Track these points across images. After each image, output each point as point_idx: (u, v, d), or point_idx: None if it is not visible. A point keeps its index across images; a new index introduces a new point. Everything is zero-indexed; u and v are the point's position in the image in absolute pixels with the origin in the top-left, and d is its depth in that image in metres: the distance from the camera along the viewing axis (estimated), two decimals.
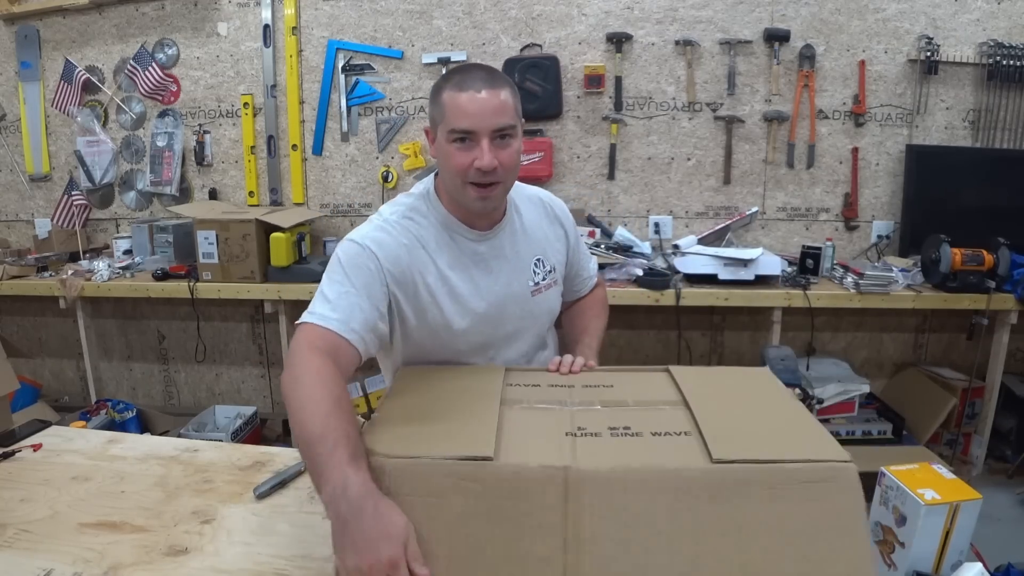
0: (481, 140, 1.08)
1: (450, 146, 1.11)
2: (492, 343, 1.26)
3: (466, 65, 1.22)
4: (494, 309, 1.23)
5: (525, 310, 1.27)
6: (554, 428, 0.86)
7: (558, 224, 1.35)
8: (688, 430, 0.85)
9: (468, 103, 1.07)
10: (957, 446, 2.61)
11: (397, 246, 1.15)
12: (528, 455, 0.80)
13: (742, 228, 2.90)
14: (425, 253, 1.18)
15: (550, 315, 1.34)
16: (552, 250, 1.32)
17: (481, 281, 1.22)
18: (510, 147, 1.12)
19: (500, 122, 1.09)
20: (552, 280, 1.31)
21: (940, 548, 0.87)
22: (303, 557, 0.92)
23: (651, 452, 0.80)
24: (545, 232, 1.32)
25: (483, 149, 1.08)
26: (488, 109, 1.07)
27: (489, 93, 1.08)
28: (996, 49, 2.64)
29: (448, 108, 1.09)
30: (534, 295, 1.28)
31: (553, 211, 1.36)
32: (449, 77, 1.13)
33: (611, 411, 0.92)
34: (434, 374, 1.10)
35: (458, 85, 1.09)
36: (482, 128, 1.08)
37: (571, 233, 1.38)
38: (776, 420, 0.89)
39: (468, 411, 0.92)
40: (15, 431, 1.30)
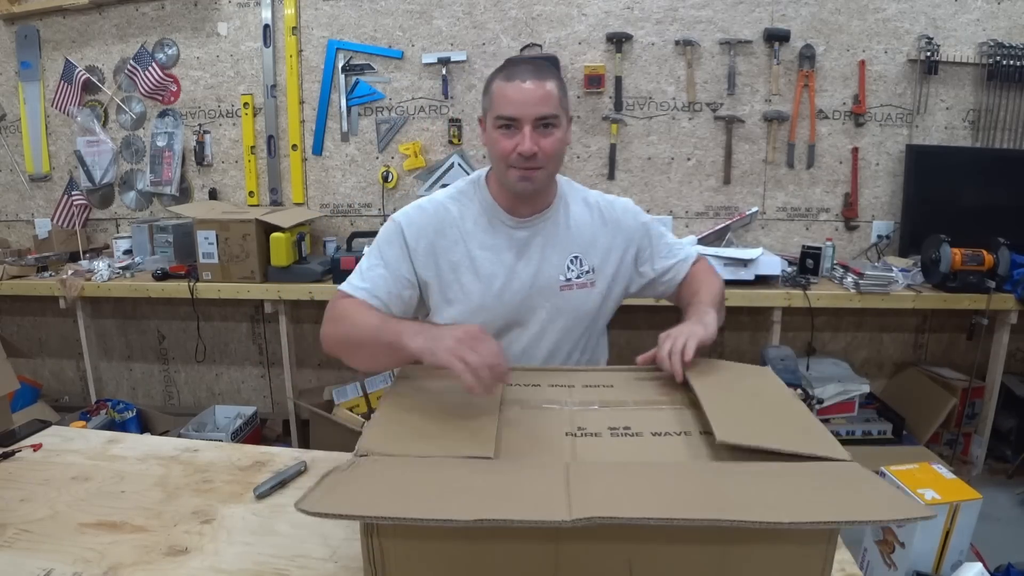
0: (524, 127, 1.16)
1: (496, 132, 1.19)
2: (513, 329, 1.29)
3: (517, 58, 1.27)
4: (517, 294, 1.27)
5: (552, 303, 1.29)
6: (554, 428, 0.86)
7: (614, 229, 1.33)
8: (688, 430, 0.85)
9: (514, 92, 1.16)
10: (957, 446, 2.61)
11: (426, 223, 1.27)
12: (528, 455, 0.80)
13: (742, 228, 2.90)
14: (456, 231, 1.27)
15: (584, 315, 1.32)
16: (596, 253, 1.31)
17: (510, 265, 1.27)
18: (552, 135, 1.18)
19: (543, 111, 1.16)
20: (588, 280, 1.30)
21: (940, 548, 0.88)
22: (303, 557, 0.92)
23: (651, 452, 0.80)
24: (593, 234, 1.32)
25: (525, 135, 1.16)
26: (532, 98, 1.15)
27: (534, 83, 1.16)
28: (996, 49, 2.64)
29: (496, 97, 1.19)
30: (563, 290, 1.29)
31: (609, 216, 1.34)
32: (500, 69, 1.22)
33: (611, 411, 0.92)
34: (435, 373, 1.10)
35: (507, 76, 1.18)
36: (525, 115, 1.16)
37: (637, 240, 1.35)
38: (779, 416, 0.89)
39: (468, 411, 0.92)
40: (15, 431, 1.30)
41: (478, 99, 2.91)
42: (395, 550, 0.73)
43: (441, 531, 0.71)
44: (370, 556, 0.73)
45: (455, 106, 2.95)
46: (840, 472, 0.75)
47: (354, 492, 0.72)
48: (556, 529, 0.69)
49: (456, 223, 1.28)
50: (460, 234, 1.27)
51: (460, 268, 1.27)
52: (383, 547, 0.73)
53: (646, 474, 0.76)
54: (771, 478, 0.74)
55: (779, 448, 0.77)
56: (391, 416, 0.92)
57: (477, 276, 1.27)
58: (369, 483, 0.75)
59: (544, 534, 0.70)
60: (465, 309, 1.27)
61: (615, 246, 1.34)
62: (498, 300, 1.27)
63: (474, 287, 1.27)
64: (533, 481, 0.74)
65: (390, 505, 0.68)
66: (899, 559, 0.89)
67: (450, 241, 1.27)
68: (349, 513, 0.66)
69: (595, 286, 1.31)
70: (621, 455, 0.80)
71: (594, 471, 0.76)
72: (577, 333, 1.33)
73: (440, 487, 0.73)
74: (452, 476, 0.75)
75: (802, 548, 0.70)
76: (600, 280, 1.32)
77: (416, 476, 0.76)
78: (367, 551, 0.73)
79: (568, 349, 1.33)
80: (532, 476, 0.74)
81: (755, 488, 0.72)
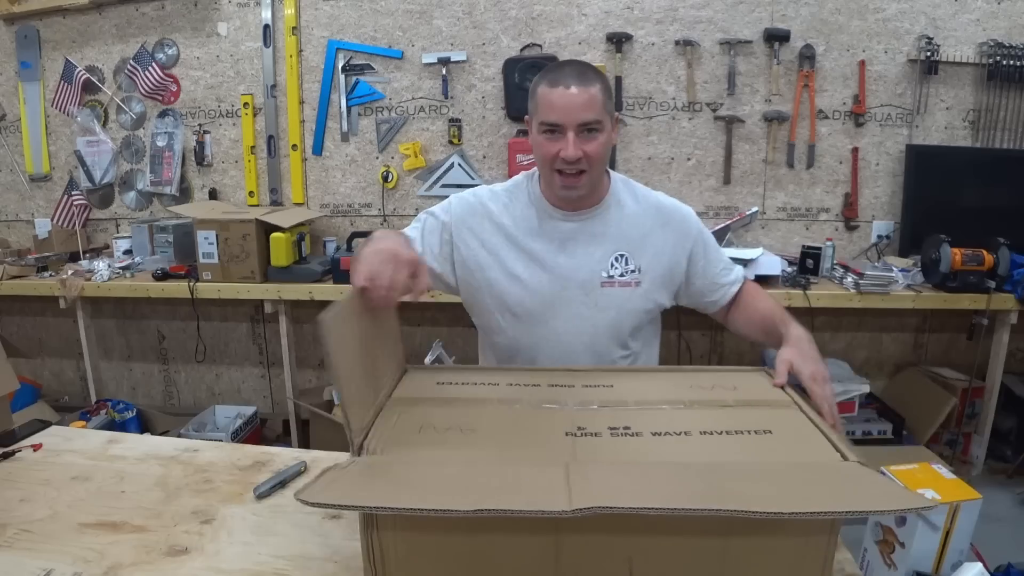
0: (567, 132, 1.17)
1: (540, 136, 1.20)
2: (547, 317, 1.29)
3: (563, 62, 1.26)
4: (556, 284, 1.28)
5: (590, 298, 1.28)
6: (554, 428, 0.86)
7: (670, 233, 1.32)
8: (688, 430, 0.85)
9: (557, 98, 1.16)
10: (957, 446, 2.61)
11: (466, 212, 1.32)
12: (528, 455, 0.80)
13: (742, 228, 2.90)
14: (501, 217, 1.31)
15: (626, 313, 1.30)
16: (645, 253, 1.30)
17: (552, 255, 1.28)
18: (596, 140, 1.19)
19: (586, 116, 1.16)
20: (633, 280, 1.29)
21: (940, 548, 0.87)
22: (303, 557, 0.91)
23: (651, 452, 0.80)
24: (644, 234, 1.30)
25: (568, 141, 1.17)
26: (576, 104, 1.15)
27: (579, 89, 1.15)
28: (996, 49, 2.64)
29: (540, 102, 1.19)
30: (604, 286, 1.28)
31: (667, 219, 1.33)
32: (546, 74, 1.21)
33: (611, 411, 0.92)
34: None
35: (551, 81, 1.18)
36: (568, 121, 1.16)
37: (690, 245, 1.33)
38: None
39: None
40: (15, 431, 1.30)
41: (478, 99, 2.93)
42: (395, 543, 0.73)
43: (441, 523, 0.71)
44: (369, 550, 0.73)
45: (455, 106, 2.95)
46: (841, 469, 0.75)
47: (354, 485, 0.72)
48: (556, 521, 0.69)
49: (503, 211, 1.31)
50: (507, 222, 1.30)
51: (501, 251, 1.29)
52: (382, 541, 0.73)
53: (646, 470, 0.76)
54: (772, 475, 0.74)
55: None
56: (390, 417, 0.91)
57: (518, 260, 1.29)
58: (369, 478, 0.75)
59: (544, 526, 0.70)
60: (504, 291, 1.29)
61: (668, 250, 1.31)
62: (537, 286, 1.28)
63: (515, 270, 1.29)
64: (533, 477, 0.74)
65: (390, 497, 0.68)
66: (899, 559, 0.89)
67: (494, 227, 1.30)
68: (349, 503, 0.65)
69: (639, 286, 1.29)
70: (621, 455, 0.80)
71: (594, 468, 0.76)
72: (621, 331, 1.31)
73: (440, 483, 0.73)
74: (452, 473, 0.75)
75: (803, 540, 0.70)
76: (646, 281, 1.30)
77: (416, 473, 0.76)
78: (366, 545, 0.73)
79: (609, 348, 1.31)
80: (532, 473, 0.75)
81: (756, 483, 0.72)
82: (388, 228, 3.04)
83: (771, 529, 0.70)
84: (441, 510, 0.64)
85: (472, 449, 0.81)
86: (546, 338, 1.30)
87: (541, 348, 1.30)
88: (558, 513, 0.62)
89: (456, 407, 0.94)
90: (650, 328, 1.39)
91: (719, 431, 0.85)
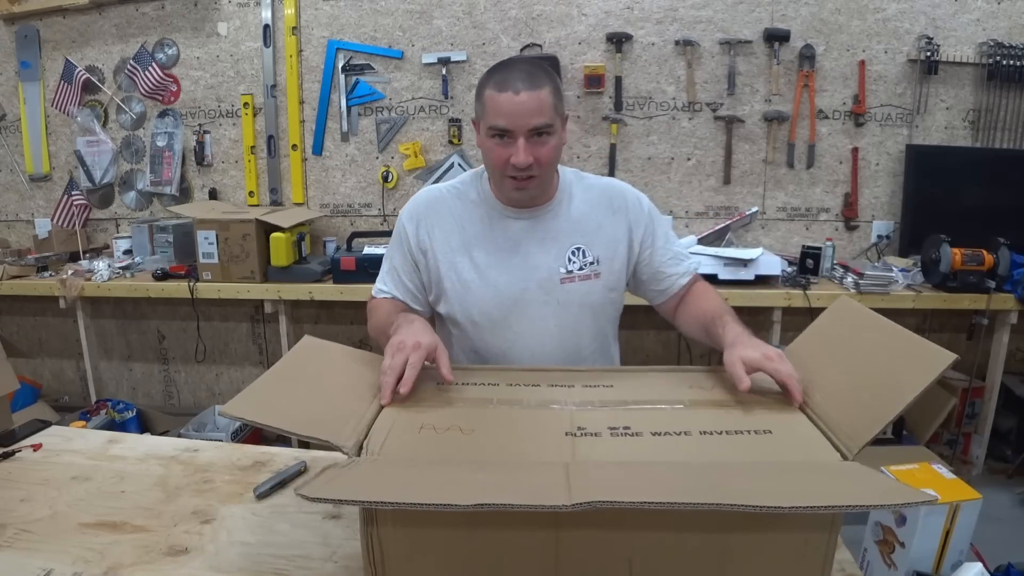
0: (517, 139, 1.14)
1: (490, 141, 1.17)
2: (510, 322, 1.27)
3: (510, 61, 1.22)
4: (515, 286, 1.26)
5: (551, 296, 1.26)
6: (554, 428, 0.86)
7: (622, 218, 1.29)
8: (688, 430, 0.85)
9: (506, 103, 1.13)
10: (957, 446, 2.61)
11: (424, 213, 1.30)
12: (528, 455, 0.80)
13: (742, 228, 2.90)
14: (453, 221, 1.29)
15: (589, 307, 1.29)
16: (601, 243, 1.28)
17: (507, 257, 1.26)
18: (547, 144, 1.16)
19: (536, 122, 1.13)
20: (592, 272, 1.27)
21: (940, 548, 0.87)
22: (303, 557, 0.92)
23: (650, 451, 0.80)
24: (598, 223, 1.28)
25: (519, 148, 1.14)
26: (525, 110, 1.12)
27: (527, 95, 1.12)
28: (996, 49, 2.64)
29: (488, 106, 1.16)
30: (564, 283, 1.26)
31: (619, 204, 1.30)
32: (492, 74, 1.18)
33: (611, 411, 0.92)
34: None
35: (498, 84, 1.14)
36: (518, 127, 1.13)
37: (641, 229, 1.30)
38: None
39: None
40: (15, 431, 1.30)
41: None
42: (394, 539, 0.73)
43: (441, 519, 0.71)
44: (369, 546, 0.73)
45: (455, 106, 2.95)
46: (842, 469, 0.75)
47: (354, 482, 0.72)
48: (556, 517, 0.69)
49: (454, 213, 1.29)
50: (458, 224, 1.28)
51: (456, 258, 1.27)
52: (382, 537, 0.73)
53: (646, 468, 0.76)
54: (772, 473, 0.74)
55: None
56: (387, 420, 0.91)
57: (473, 267, 1.27)
58: (369, 476, 0.75)
59: (544, 522, 0.70)
60: (463, 300, 1.28)
61: (621, 236, 1.29)
62: (495, 292, 1.26)
63: (470, 277, 1.27)
64: (533, 475, 0.74)
65: (390, 492, 0.68)
66: (899, 559, 0.89)
67: (447, 231, 1.28)
68: (350, 498, 0.65)
69: (599, 277, 1.28)
70: (621, 455, 0.80)
71: (594, 466, 0.76)
72: (585, 326, 1.30)
73: (440, 480, 0.73)
74: (452, 471, 0.75)
75: (803, 537, 0.70)
76: (605, 271, 1.29)
77: (416, 471, 0.76)
78: (366, 541, 0.73)
79: (578, 343, 1.30)
80: (532, 471, 0.75)
81: (755, 481, 0.72)
82: (387, 228, 3.04)
83: (771, 525, 0.70)
84: (441, 504, 0.63)
85: (472, 449, 0.81)
86: (512, 341, 1.28)
87: (509, 352, 1.28)
88: (558, 507, 0.62)
89: (456, 408, 0.94)
90: (613, 317, 1.37)
91: (719, 431, 0.84)
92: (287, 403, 0.88)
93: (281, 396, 0.90)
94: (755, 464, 0.77)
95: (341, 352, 1.08)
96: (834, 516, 0.70)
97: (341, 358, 1.07)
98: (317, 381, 0.97)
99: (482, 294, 1.26)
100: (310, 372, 1.00)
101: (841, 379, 0.92)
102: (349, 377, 1.00)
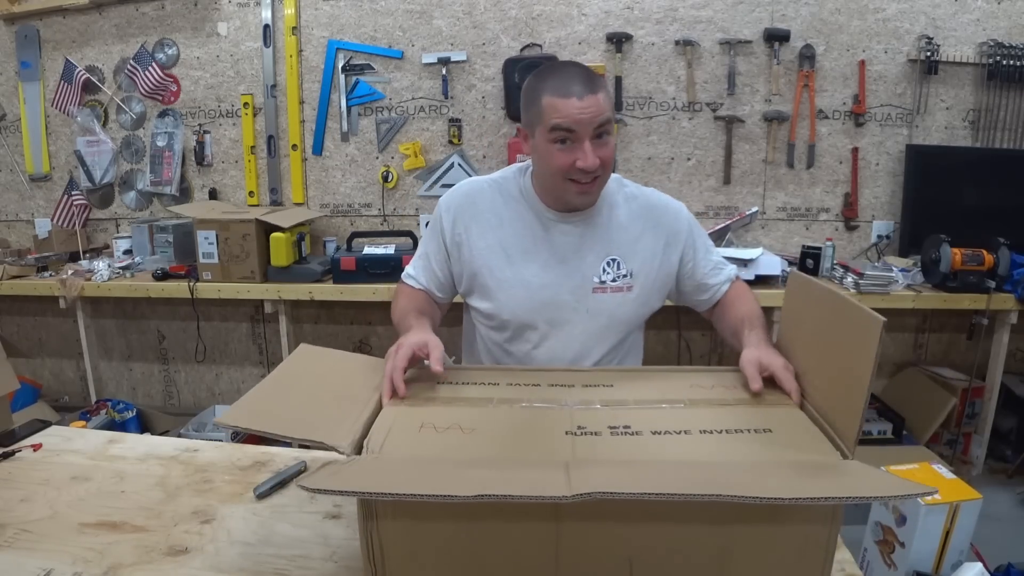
0: (583, 142, 1.13)
1: (551, 146, 1.15)
2: (537, 323, 1.27)
3: (559, 67, 1.20)
4: (547, 290, 1.25)
5: (581, 304, 1.25)
6: (554, 427, 0.86)
7: (661, 233, 1.29)
8: (688, 429, 0.85)
9: (571, 108, 1.12)
10: (957, 446, 2.61)
11: (464, 207, 1.29)
12: (528, 453, 0.80)
13: (742, 228, 2.90)
14: (495, 217, 1.28)
15: (617, 320, 1.28)
16: (637, 257, 1.27)
17: (543, 259, 1.26)
18: (608, 144, 1.17)
19: (600, 123, 1.14)
20: (625, 285, 1.26)
21: (940, 548, 0.87)
22: (303, 557, 0.92)
23: (651, 450, 0.80)
24: (636, 237, 1.28)
25: (586, 151, 1.13)
26: (589, 114, 1.12)
27: (590, 97, 1.12)
28: (996, 49, 2.64)
29: (549, 110, 1.14)
30: (595, 292, 1.25)
31: (659, 219, 1.30)
32: (545, 79, 1.16)
33: (611, 410, 0.92)
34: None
35: (558, 90, 1.13)
36: (584, 130, 1.13)
37: (681, 245, 1.31)
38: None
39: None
40: (15, 431, 1.30)
41: (478, 99, 2.93)
42: (394, 534, 0.73)
43: (441, 512, 0.71)
44: (369, 542, 0.73)
45: (455, 106, 2.95)
46: (841, 466, 0.75)
47: (355, 476, 0.72)
48: (556, 509, 0.69)
49: (494, 208, 1.28)
50: (497, 219, 1.27)
51: (492, 253, 1.26)
52: (382, 532, 0.73)
53: (646, 466, 0.76)
54: (772, 469, 0.74)
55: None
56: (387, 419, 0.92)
57: (508, 264, 1.26)
58: (370, 470, 0.75)
59: (544, 514, 0.70)
60: (494, 296, 1.27)
61: (659, 252, 1.29)
62: (526, 292, 1.25)
63: (504, 275, 1.26)
64: (533, 470, 0.74)
65: (391, 484, 0.68)
66: (899, 559, 0.89)
67: (484, 225, 1.27)
68: (351, 490, 0.65)
69: (631, 291, 1.27)
70: (621, 453, 0.80)
71: (594, 464, 0.76)
72: (610, 338, 1.29)
73: (441, 474, 0.73)
74: (452, 467, 0.76)
75: (804, 528, 0.70)
76: (638, 285, 1.27)
77: (416, 467, 0.76)
78: (366, 536, 0.73)
79: (599, 353, 1.29)
80: (532, 467, 0.75)
81: (756, 476, 0.72)
82: (388, 227, 3.05)
83: (771, 518, 0.70)
84: (442, 495, 0.64)
85: (473, 447, 0.81)
86: (536, 343, 1.28)
87: (532, 353, 1.28)
88: (558, 498, 0.62)
89: (456, 407, 0.94)
90: (637, 330, 1.37)
91: (719, 430, 0.85)
92: (282, 409, 0.88)
93: (276, 403, 0.91)
94: (756, 462, 0.77)
95: (337, 357, 1.09)
96: (835, 510, 0.70)
97: (337, 363, 1.08)
98: (313, 387, 0.98)
99: (514, 292, 1.26)
100: (306, 378, 1.00)
101: (820, 369, 0.92)
102: (345, 381, 1.00)
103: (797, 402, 0.92)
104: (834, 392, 0.85)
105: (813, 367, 0.94)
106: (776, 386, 0.97)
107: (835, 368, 0.86)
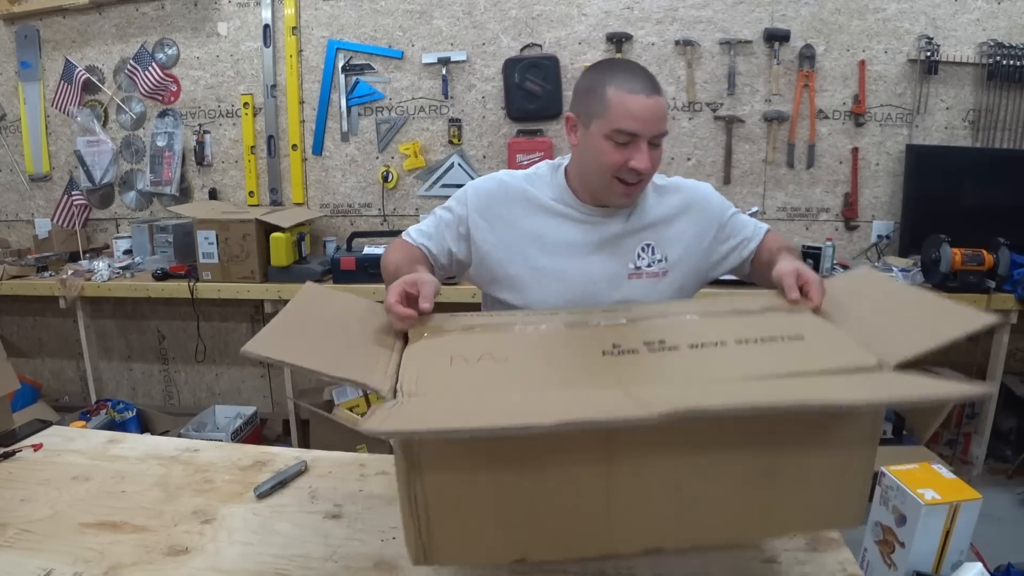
0: (642, 144, 1.13)
1: (606, 143, 1.14)
2: None
3: (624, 63, 1.20)
4: (581, 278, 1.24)
5: (617, 291, 1.25)
6: (591, 347, 0.83)
7: (694, 217, 1.30)
8: (723, 340, 0.82)
9: (639, 107, 1.11)
10: (957, 446, 2.61)
11: (485, 203, 1.27)
12: (573, 377, 0.78)
13: None
14: (531, 205, 1.26)
15: None
16: (671, 242, 1.28)
17: (577, 251, 1.25)
18: (659, 150, 1.17)
19: (661, 128, 1.14)
20: (660, 270, 1.26)
21: (940, 548, 0.87)
22: (303, 557, 0.92)
23: (694, 366, 0.78)
24: (669, 222, 1.28)
25: (643, 153, 1.13)
26: (655, 116, 1.12)
27: (657, 99, 1.12)
28: (996, 49, 2.64)
29: (615, 107, 1.12)
30: (631, 278, 1.25)
31: (691, 204, 1.31)
32: (610, 72, 1.15)
33: (640, 325, 0.88)
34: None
35: (626, 86, 1.12)
36: (646, 133, 1.12)
37: (714, 228, 1.31)
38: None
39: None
40: (15, 431, 1.30)
41: (478, 99, 2.93)
42: (438, 485, 0.68)
43: (492, 457, 0.68)
44: (411, 495, 0.69)
45: (455, 106, 2.95)
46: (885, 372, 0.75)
47: (416, 415, 0.67)
48: (609, 447, 0.67)
49: (529, 200, 1.27)
50: (530, 211, 1.26)
51: (524, 245, 1.25)
52: (426, 483, 0.68)
53: (706, 386, 0.74)
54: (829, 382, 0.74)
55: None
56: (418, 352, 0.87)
57: (543, 254, 1.25)
58: (427, 409, 0.70)
59: (597, 455, 0.68)
60: (527, 288, 1.25)
61: (693, 236, 1.29)
62: (561, 284, 1.24)
63: (538, 265, 1.24)
64: (593, 394, 0.70)
65: (460, 419, 0.63)
66: (899, 559, 0.89)
67: (516, 217, 1.26)
68: (422, 428, 0.61)
69: (666, 276, 1.26)
70: (665, 371, 0.77)
71: (649, 382, 0.74)
72: None
73: (498, 408, 0.69)
74: (505, 399, 0.71)
75: (846, 453, 0.71)
76: (672, 271, 1.27)
77: (474, 400, 0.72)
78: (408, 491, 0.69)
79: None
80: (592, 393, 0.71)
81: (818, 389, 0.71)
82: (387, 227, 3.05)
83: (819, 440, 0.70)
84: (522, 427, 0.57)
85: (514, 377, 0.77)
86: None
87: None
88: (644, 419, 0.56)
89: (481, 334, 0.89)
90: None
91: (754, 339, 0.82)
92: (307, 344, 0.83)
93: (299, 338, 0.85)
94: (806, 374, 0.75)
95: (347, 298, 1.03)
96: (875, 428, 0.71)
97: (349, 303, 1.02)
98: (331, 324, 0.92)
99: (547, 284, 1.24)
100: (322, 316, 0.94)
101: (873, 317, 0.89)
102: (361, 320, 0.95)
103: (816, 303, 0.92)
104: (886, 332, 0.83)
105: (863, 312, 0.91)
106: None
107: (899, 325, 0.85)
